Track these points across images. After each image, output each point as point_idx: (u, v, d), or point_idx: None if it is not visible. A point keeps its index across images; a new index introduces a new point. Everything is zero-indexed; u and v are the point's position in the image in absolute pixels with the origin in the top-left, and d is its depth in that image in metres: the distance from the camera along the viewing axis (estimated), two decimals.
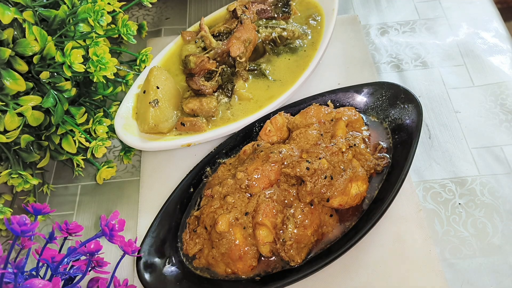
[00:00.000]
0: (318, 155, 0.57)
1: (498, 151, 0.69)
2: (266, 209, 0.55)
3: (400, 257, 0.59)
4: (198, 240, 0.59)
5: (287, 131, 0.65)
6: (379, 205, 0.56)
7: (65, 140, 0.66)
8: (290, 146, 0.60)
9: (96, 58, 0.61)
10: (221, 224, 0.55)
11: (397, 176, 0.58)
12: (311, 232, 0.55)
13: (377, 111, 0.67)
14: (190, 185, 0.65)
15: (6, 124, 0.57)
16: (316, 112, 0.64)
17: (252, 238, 0.55)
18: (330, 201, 0.56)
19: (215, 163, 0.67)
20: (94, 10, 0.62)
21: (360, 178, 0.58)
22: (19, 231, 0.47)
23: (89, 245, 0.51)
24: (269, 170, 0.58)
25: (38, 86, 0.63)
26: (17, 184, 0.63)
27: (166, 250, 0.60)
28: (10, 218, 0.47)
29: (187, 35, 0.79)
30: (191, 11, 0.95)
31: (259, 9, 0.79)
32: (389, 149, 0.63)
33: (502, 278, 0.58)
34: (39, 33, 0.58)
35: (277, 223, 0.55)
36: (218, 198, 0.59)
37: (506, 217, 0.62)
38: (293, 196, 0.57)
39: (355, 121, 0.65)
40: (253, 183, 0.57)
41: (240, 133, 0.69)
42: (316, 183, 0.55)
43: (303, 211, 0.55)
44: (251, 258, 0.55)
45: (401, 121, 0.64)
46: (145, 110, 0.68)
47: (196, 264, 0.59)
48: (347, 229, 0.57)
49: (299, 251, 0.55)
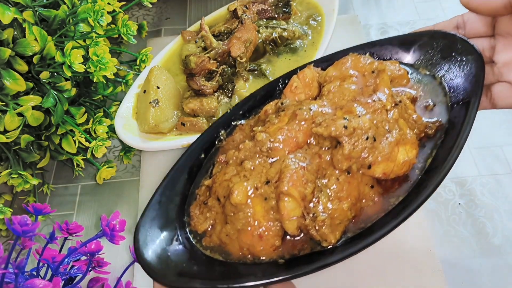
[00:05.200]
0: (357, 112, 0.47)
1: (498, 151, 0.69)
2: (294, 175, 0.45)
3: (400, 257, 0.59)
4: (209, 214, 0.50)
5: (317, 87, 0.55)
6: (432, 175, 0.46)
7: (65, 140, 0.66)
8: (322, 102, 0.50)
9: (96, 58, 0.61)
10: (237, 194, 0.45)
11: (454, 140, 0.47)
12: (348, 205, 0.45)
13: (427, 65, 0.56)
14: (201, 150, 0.56)
15: (6, 124, 0.57)
16: (354, 62, 0.54)
17: (275, 212, 0.46)
18: (372, 168, 0.46)
19: (230, 126, 0.58)
20: (94, 10, 0.62)
21: (408, 142, 0.47)
22: (20, 231, 0.47)
23: (90, 245, 0.51)
24: (296, 130, 0.48)
25: (38, 86, 0.63)
26: (17, 184, 0.63)
27: (170, 226, 0.50)
28: (11, 218, 0.47)
29: (187, 35, 0.79)
30: (191, 11, 0.94)
31: (260, 9, 0.79)
32: (443, 109, 0.53)
33: (502, 278, 0.58)
34: (39, 33, 0.58)
35: (306, 194, 0.45)
36: (233, 164, 0.50)
37: (506, 217, 0.62)
38: (326, 162, 0.47)
39: (400, 77, 0.55)
40: (276, 145, 0.48)
41: (260, 92, 0.59)
42: (356, 145, 0.45)
43: (339, 180, 0.46)
44: (274, 237, 0.46)
45: (457, 76, 0.53)
46: (146, 110, 0.68)
47: (206, 243, 0.49)
48: (392, 205, 0.47)
49: (333, 228, 0.45)
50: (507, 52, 0.53)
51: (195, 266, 0.47)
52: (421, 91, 0.55)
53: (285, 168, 0.46)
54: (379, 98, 0.49)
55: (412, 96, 0.53)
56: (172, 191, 0.53)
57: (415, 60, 0.57)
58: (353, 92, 0.51)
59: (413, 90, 0.55)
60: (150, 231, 0.48)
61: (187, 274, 0.45)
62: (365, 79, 0.52)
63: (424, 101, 0.54)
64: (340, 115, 0.47)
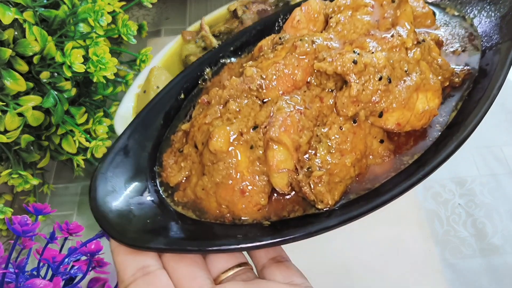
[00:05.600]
0: (370, 48, 0.40)
1: (497, 151, 0.69)
2: (287, 120, 0.37)
3: (400, 257, 0.59)
4: (184, 164, 0.42)
5: (323, 22, 0.47)
6: (455, 131, 0.39)
7: (65, 140, 0.66)
8: (328, 34, 0.43)
9: (96, 58, 0.61)
10: (217, 139, 0.37)
11: (484, 91, 0.40)
12: (352, 161, 0.38)
13: (456, 4, 0.49)
14: (180, 89, 0.48)
15: (7, 124, 0.57)
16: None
17: (262, 163, 0.38)
18: (384, 116, 0.38)
19: (217, 64, 0.50)
20: (94, 10, 0.62)
21: (431, 88, 0.40)
22: (21, 231, 0.47)
23: (90, 245, 0.51)
24: (294, 65, 0.40)
25: (38, 86, 0.63)
26: (17, 184, 0.63)
27: (138, 176, 0.42)
28: (11, 218, 0.48)
29: (187, 35, 0.79)
30: (191, 11, 0.95)
31: (260, 9, 0.79)
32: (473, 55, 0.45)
33: (502, 278, 0.58)
34: (39, 33, 0.58)
35: (301, 144, 0.37)
36: (216, 105, 0.42)
37: (506, 217, 0.62)
38: (328, 106, 0.39)
39: (424, 15, 0.47)
40: (268, 83, 0.40)
41: (256, 26, 0.52)
42: (366, 85, 0.37)
43: (342, 129, 0.38)
44: (259, 193, 0.38)
45: (492, 17, 0.46)
46: None
47: (179, 198, 0.42)
48: (406, 164, 0.39)
49: (331, 187, 0.37)
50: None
51: (163, 224, 0.39)
52: (449, 34, 0.47)
53: (278, 111, 0.38)
54: (399, 33, 0.41)
55: (438, 38, 0.45)
56: (143, 135, 0.45)
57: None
58: (367, 25, 0.43)
59: (439, 31, 0.47)
60: (112, 179, 0.40)
61: (151, 233, 0.38)
62: (383, 10, 0.44)
63: (451, 46, 0.46)
64: (349, 50, 0.39)
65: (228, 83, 0.42)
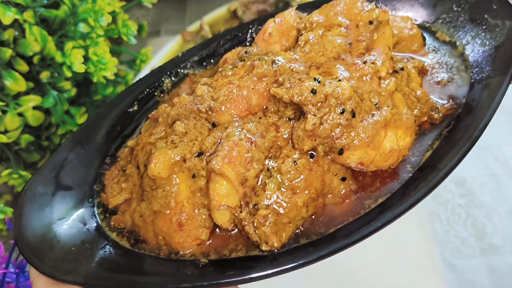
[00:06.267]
0: (338, 75, 0.36)
1: (497, 152, 0.69)
2: (233, 150, 0.33)
3: (400, 257, 0.59)
4: (126, 185, 0.38)
5: (296, 37, 0.42)
6: (427, 174, 0.35)
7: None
8: (293, 54, 0.39)
9: (96, 58, 0.61)
10: (156, 163, 0.34)
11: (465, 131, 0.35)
12: (305, 200, 0.34)
13: (449, 28, 0.44)
14: (134, 100, 0.43)
15: (7, 124, 0.57)
16: (348, 7, 0.40)
17: (204, 195, 0.35)
18: (345, 154, 0.34)
19: (178, 74, 0.46)
20: (94, 10, 0.62)
21: (402, 125, 0.35)
22: None
23: None
24: (250, 88, 0.35)
25: (38, 86, 0.63)
26: (17, 184, 0.63)
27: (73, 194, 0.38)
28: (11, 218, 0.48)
29: (187, 35, 0.79)
30: (191, 11, 0.95)
31: (260, 9, 0.79)
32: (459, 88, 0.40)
33: (501, 278, 0.58)
34: (40, 34, 0.58)
35: (248, 177, 0.34)
36: (163, 123, 0.38)
37: (505, 217, 0.63)
38: (283, 138, 0.35)
39: (410, 38, 0.42)
40: (220, 105, 0.35)
41: (226, 35, 0.47)
42: (325, 119, 0.33)
43: (296, 163, 0.34)
44: (199, 228, 0.35)
45: (486, 46, 0.41)
46: None
47: (115, 222, 0.38)
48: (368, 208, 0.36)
49: (278, 228, 0.33)
50: None
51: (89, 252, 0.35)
52: (436, 62, 0.42)
53: (226, 139, 0.34)
54: (373, 60, 0.36)
55: (422, 65, 0.41)
56: (86, 149, 0.40)
57: (434, 19, 0.45)
58: (338, 48, 0.38)
59: (426, 57, 0.42)
60: (43, 197, 0.36)
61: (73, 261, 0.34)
62: (358, 32, 0.39)
63: (437, 75, 0.41)
64: (313, 76, 0.35)
65: (177, 100, 0.37)
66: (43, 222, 0.35)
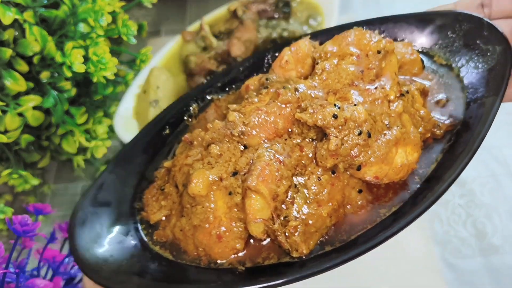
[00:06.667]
0: (353, 100, 0.41)
1: (497, 152, 0.69)
2: (265, 169, 0.37)
3: (400, 257, 0.59)
4: (165, 202, 0.43)
5: (311, 65, 0.47)
6: (434, 185, 0.39)
7: (65, 140, 0.66)
8: (312, 82, 0.43)
9: (96, 58, 0.61)
10: (196, 183, 0.38)
11: (466, 145, 0.40)
12: (328, 211, 0.38)
13: (445, 53, 0.49)
14: (165, 124, 0.49)
15: (7, 124, 0.57)
16: (358, 38, 0.45)
17: (240, 210, 0.39)
18: (362, 170, 0.39)
19: (204, 99, 0.51)
20: (94, 10, 0.62)
21: (410, 143, 0.40)
22: (21, 231, 0.47)
23: None
24: (276, 114, 0.41)
25: (38, 86, 0.63)
26: (17, 184, 0.63)
27: (118, 212, 0.43)
28: (11, 218, 0.48)
29: (187, 35, 0.79)
30: (191, 11, 0.95)
31: (260, 9, 0.79)
32: (457, 107, 0.45)
33: (501, 278, 0.58)
34: (40, 34, 0.58)
35: (278, 193, 0.38)
36: (198, 146, 0.42)
37: (505, 217, 0.63)
38: (307, 157, 0.40)
39: (411, 62, 0.47)
40: (250, 129, 0.40)
41: (245, 63, 0.52)
42: (345, 139, 0.38)
43: (320, 179, 0.39)
44: (235, 239, 0.39)
45: (479, 69, 0.45)
46: (145, 110, 0.68)
47: (158, 237, 0.42)
48: (382, 216, 0.40)
49: (306, 237, 0.38)
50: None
51: (138, 264, 0.40)
52: (435, 83, 0.47)
53: (257, 159, 0.38)
54: (382, 85, 0.41)
55: (423, 87, 0.46)
56: (125, 170, 0.45)
57: (431, 45, 0.50)
58: (352, 75, 0.43)
59: (426, 79, 0.47)
60: (92, 216, 0.41)
61: (125, 273, 0.38)
62: (368, 60, 0.44)
63: (436, 95, 0.46)
64: (332, 101, 0.40)
65: (211, 125, 0.42)
66: (94, 239, 0.40)
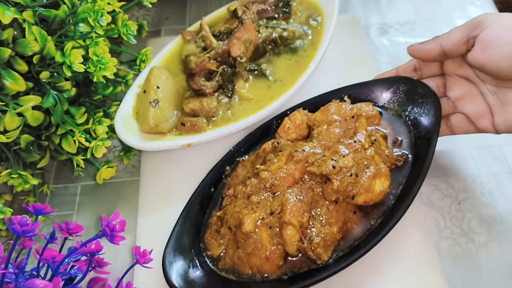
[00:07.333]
0: (341, 152, 0.58)
1: (497, 151, 0.69)
2: (293, 208, 0.55)
3: (400, 257, 0.59)
4: (222, 240, 0.59)
5: (306, 128, 0.65)
6: (403, 200, 0.57)
7: (65, 140, 0.66)
8: (313, 143, 0.61)
9: (96, 58, 0.61)
10: (247, 224, 0.54)
11: (420, 171, 0.58)
12: (337, 229, 0.56)
13: (395, 106, 0.67)
14: (211, 184, 0.65)
15: (6, 124, 0.57)
16: (337, 109, 0.64)
17: (279, 238, 0.55)
18: (356, 199, 0.57)
19: (233, 162, 0.67)
20: (94, 10, 0.62)
21: (383, 175, 0.58)
22: (20, 231, 0.47)
23: (90, 245, 0.51)
24: (293, 169, 0.58)
25: (38, 86, 0.63)
26: (17, 184, 0.63)
27: (190, 253, 0.59)
28: (11, 218, 0.47)
29: (187, 35, 0.79)
30: (191, 11, 0.95)
31: (260, 9, 0.79)
32: (409, 143, 0.64)
33: (502, 278, 0.58)
34: (39, 33, 0.58)
35: (303, 222, 0.55)
36: (242, 198, 0.59)
37: (506, 217, 0.63)
38: (318, 194, 0.57)
39: (373, 116, 0.65)
40: (278, 182, 0.57)
41: (258, 131, 0.69)
42: (343, 181, 0.55)
43: (329, 209, 0.56)
44: (278, 258, 0.56)
45: (419, 115, 0.64)
46: (146, 110, 0.68)
47: (222, 265, 0.58)
48: (372, 226, 0.58)
49: (325, 249, 0.55)
50: (456, 89, 0.63)
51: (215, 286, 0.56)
52: (391, 129, 0.66)
53: (286, 201, 0.55)
54: (359, 139, 0.60)
55: (384, 133, 0.64)
56: (189, 221, 0.61)
57: (385, 101, 0.68)
58: (338, 135, 0.61)
59: (384, 128, 0.66)
60: (174, 258, 0.57)
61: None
62: (346, 123, 0.63)
63: (393, 138, 0.65)
64: (328, 155, 0.58)
65: (249, 182, 0.60)
66: (181, 274, 0.56)
